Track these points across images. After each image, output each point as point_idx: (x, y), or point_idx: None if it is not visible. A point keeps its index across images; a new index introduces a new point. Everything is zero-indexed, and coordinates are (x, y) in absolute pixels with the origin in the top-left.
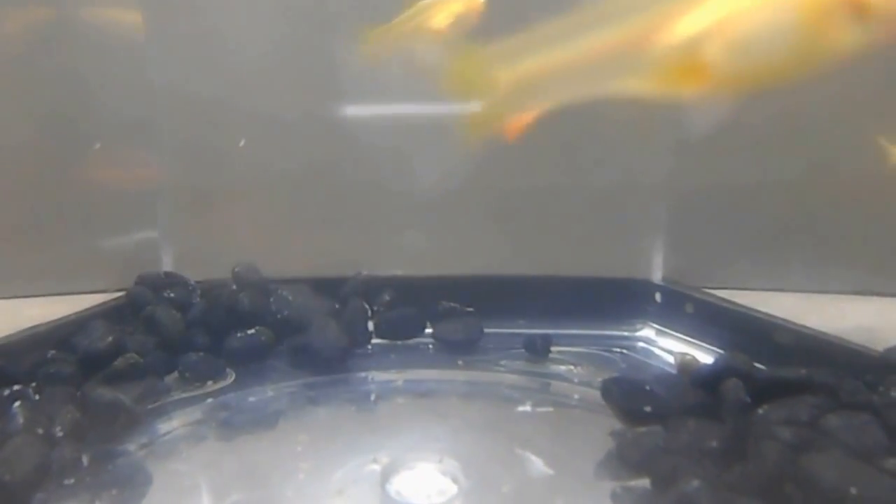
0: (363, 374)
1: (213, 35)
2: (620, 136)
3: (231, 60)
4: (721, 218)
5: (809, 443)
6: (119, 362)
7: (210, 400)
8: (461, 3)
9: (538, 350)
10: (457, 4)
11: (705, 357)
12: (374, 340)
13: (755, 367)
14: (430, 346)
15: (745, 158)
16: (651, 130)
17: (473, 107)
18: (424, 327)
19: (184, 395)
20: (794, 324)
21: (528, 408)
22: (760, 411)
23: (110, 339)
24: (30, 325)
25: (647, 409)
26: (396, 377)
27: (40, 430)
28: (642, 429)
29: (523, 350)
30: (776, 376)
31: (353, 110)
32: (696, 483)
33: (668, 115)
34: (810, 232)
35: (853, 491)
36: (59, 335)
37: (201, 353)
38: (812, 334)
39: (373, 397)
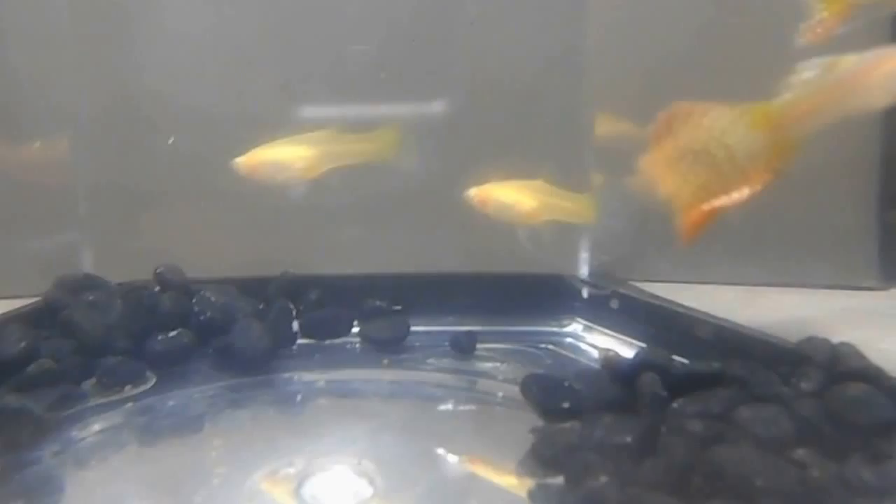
0: (287, 376)
1: (141, 30)
2: (541, 134)
3: (159, 55)
4: (653, 212)
5: (721, 435)
6: (32, 368)
7: (129, 405)
8: None
9: (464, 348)
10: None
11: (629, 352)
12: (300, 341)
13: (672, 361)
14: (357, 346)
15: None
16: None
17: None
18: (351, 326)
19: (101, 400)
20: (714, 317)
21: (450, 406)
22: (675, 405)
23: (23, 344)
24: None
25: (566, 405)
26: (320, 378)
27: None
28: (561, 425)
29: (450, 348)
30: (691, 370)
31: (279, 108)
32: (603, 479)
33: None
34: (744, 225)
35: (758, 482)
36: None
37: (120, 357)
38: (730, 327)
39: (295, 399)
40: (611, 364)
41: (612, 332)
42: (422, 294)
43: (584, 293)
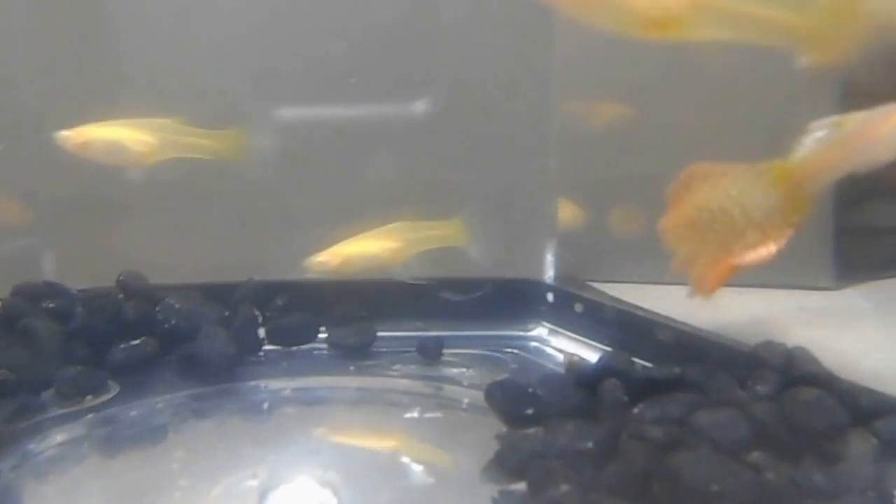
0: (253, 384)
1: (104, 32)
2: (508, 140)
3: (122, 58)
4: (616, 212)
5: (679, 441)
6: None
7: (90, 416)
8: None
9: (431, 353)
10: None
11: (594, 356)
12: (267, 347)
13: (634, 365)
14: (324, 352)
15: (635, 153)
16: None
17: None
18: (318, 333)
19: (61, 411)
20: (674, 321)
21: (415, 414)
22: (636, 410)
23: None
24: None
25: (529, 411)
26: (286, 385)
27: None
28: (524, 431)
29: (417, 353)
30: (651, 375)
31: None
32: (564, 487)
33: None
34: None
35: (714, 487)
36: None
37: (80, 367)
38: (689, 331)
39: (261, 408)
40: (574, 369)
41: (576, 336)
42: (388, 299)
43: (549, 297)
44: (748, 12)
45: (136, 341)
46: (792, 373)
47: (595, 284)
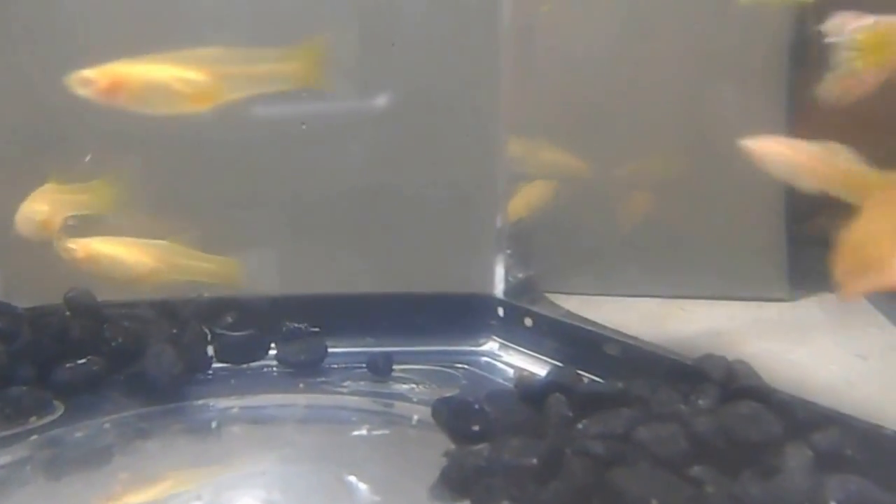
0: (201, 402)
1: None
2: (456, 152)
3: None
4: (570, 224)
5: (621, 456)
6: None
7: (34, 437)
8: None
9: (381, 369)
10: None
11: (544, 370)
12: (216, 365)
13: (580, 380)
14: (274, 369)
15: (589, 162)
16: None
17: None
18: (268, 349)
19: (4, 433)
20: (621, 334)
21: (364, 431)
22: (580, 426)
23: None
24: None
25: (476, 428)
26: (234, 404)
27: None
28: (471, 448)
29: (367, 370)
30: (595, 390)
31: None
32: None
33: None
34: (666, 236)
35: (654, 502)
36: None
37: (24, 387)
38: (635, 345)
39: (207, 427)
40: (522, 384)
41: (527, 351)
42: (339, 315)
43: (500, 311)
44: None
45: (82, 360)
46: (731, 386)
47: (552, 297)
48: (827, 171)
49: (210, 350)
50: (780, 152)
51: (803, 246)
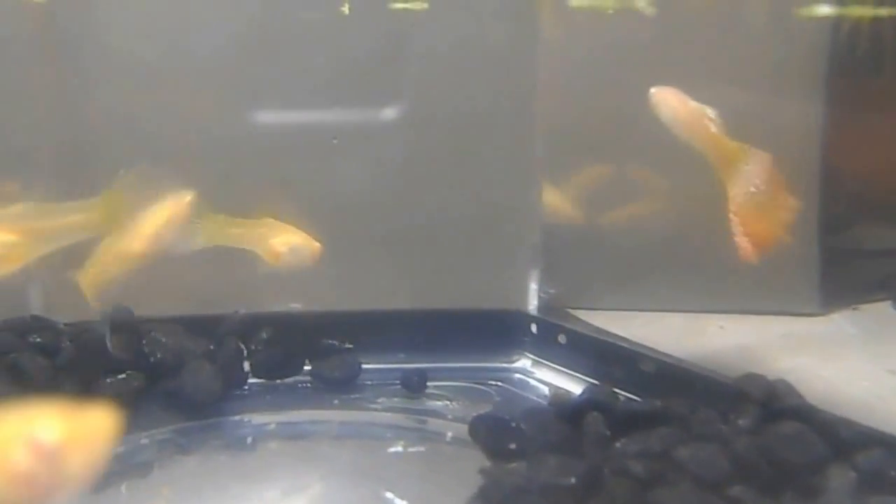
0: (237, 418)
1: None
2: (489, 167)
3: (111, 90)
4: (601, 240)
5: (661, 476)
6: None
7: None
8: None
9: (414, 386)
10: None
11: (578, 387)
12: (251, 381)
13: (617, 398)
14: (308, 385)
15: (620, 180)
16: None
17: None
18: (303, 366)
19: None
20: (657, 352)
21: (399, 448)
22: (618, 445)
23: None
24: None
25: (513, 445)
26: (270, 420)
27: None
28: (508, 466)
29: (400, 386)
30: (633, 409)
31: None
32: None
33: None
34: (696, 250)
35: None
36: None
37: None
38: (672, 363)
39: (245, 442)
40: (557, 402)
41: (560, 368)
42: (373, 331)
43: (533, 328)
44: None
45: (122, 375)
46: (773, 406)
47: (580, 313)
48: (699, 131)
49: (246, 366)
50: (669, 102)
51: (835, 260)
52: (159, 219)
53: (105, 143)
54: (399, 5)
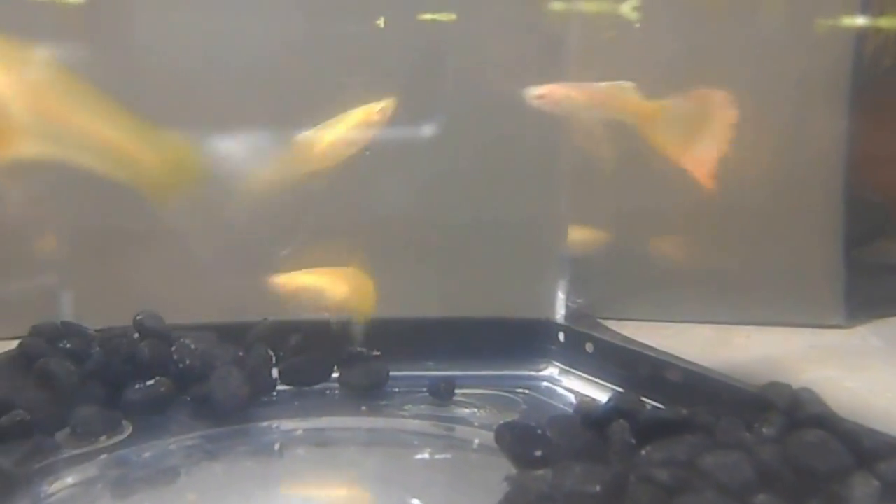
0: (265, 424)
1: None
2: (519, 178)
3: (141, 97)
4: (628, 250)
5: (686, 483)
6: (4, 420)
7: (104, 456)
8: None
9: (442, 393)
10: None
11: (605, 395)
12: (280, 387)
13: (643, 406)
14: (336, 392)
15: (647, 190)
16: None
17: None
18: (331, 372)
19: (75, 452)
20: (683, 361)
21: (426, 455)
22: (643, 452)
23: None
24: None
25: (538, 453)
26: (298, 426)
27: None
28: (533, 473)
29: (428, 394)
30: (659, 417)
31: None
32: None
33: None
34: (723, 262)
35: None
36: None
37: (95, 407)
38: (698, 371)
39: (272, 449)
40: (583, 410)
41: (587, 376)
42: (401, 339)
43: (561, 337)
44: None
45: (151, 381)
46: (797, 414)
47: (609, 323)
48: (609, 103)
49: (275, 372)
50: (558, 95)
51: (861, 272)
52: (352, 120)
53: None
54: (428, 16)
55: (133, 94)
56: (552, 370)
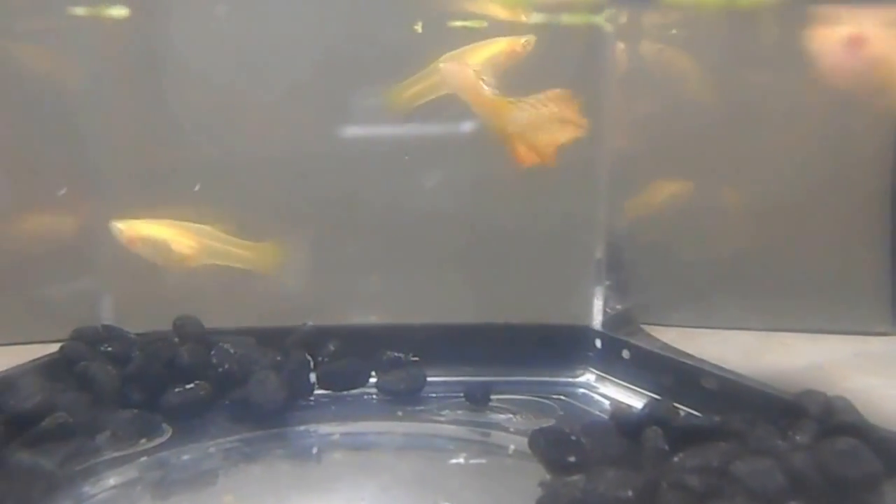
0: (302, 428)
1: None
2: (556, 183)
3: (184, 99)
4: (669, 256)
5: (717, 490)
6: (47, 422)
7: (144, 459)
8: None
9: (478, 399)
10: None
11: (641, 402)
12: (317, 392)
13: (677, 413)
14: (373, 397)
15: (688, 196)
16: None
17: None
18: (368, 377)
19: (116, 454)
20: (718, 368)
21: (461, 460)
22: (675, 459)
23: (38, 398)
24: None
25: (572, 458)
26: (335, 430)
27: None
28: (567, 479)
29: (464, 399)
30: (692, 424)
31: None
32: None
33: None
34: (766, 269)
35: None
36: None
37: (134, 410)
38: (733, 379)
39: (309, 452)
40: (618, 416)
41: (623, 383)
42: (438, 344)
43: (598, 343)
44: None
45: (190, 385)
46: (830, 422)
47: (650, 328)
48: (473, 94)
49: (312, 377)
50: (454, 72)
51: None
52: (494, 49)
53: (185, 161)
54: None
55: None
56: (589, 376)
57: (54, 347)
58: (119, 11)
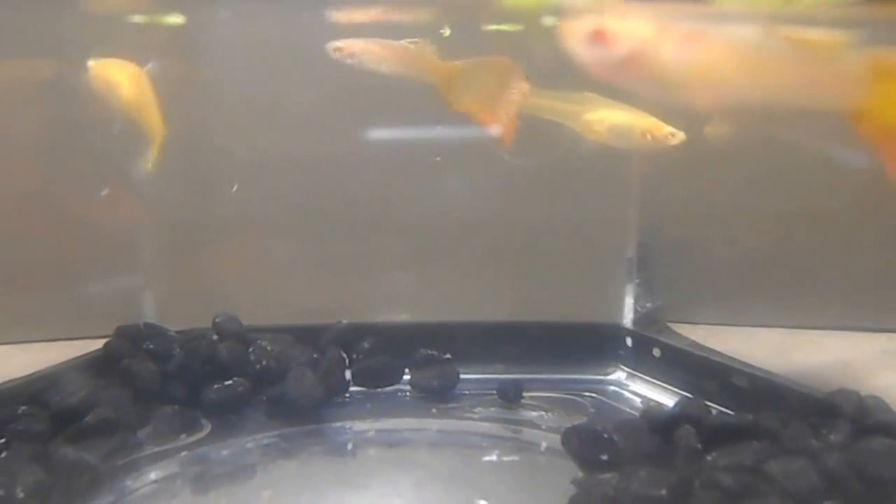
0: (338, 425)
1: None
2: (586, 179)
3: (226, 97)
4: (698, 254)
5: (751, 489)
6: (90, 417)
7: (184, 453)
8: None
9: (510, 396)
10: None
11: (672, 400)
12: (353, 389)
13: (709, 412)
14: (407, 394)
15: (719, 192)
16: None
17: None
18: (402, 375)
19: (157, 449)
20: (750, 366)
21: (494, 457)
22: (708, 458)
23: (82, 394)
24: (22, 372)
25: (604, 457)
26: (370, 427)
27: (1, 492)
28: (599, 477)
29: (497, 396)
30: (725, 422)
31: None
32: None
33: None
34: (794, 266)
35: None
36: (33, 390)
37: (175, 406)
38: (764, 377)
39: (345, 448)
40: (650, 415)
41: (654, 381)
42: (471, 342)
43: (628, 341)
44: None
45: (229, 382)
46: (865, 421)
47: (679, 327)
48: (407, 60)
49: (348, 374)
50: (354, 49)
51: None
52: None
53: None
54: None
55: None
56: (620, 374)
57: (98, 344)
58: (175, 19)
